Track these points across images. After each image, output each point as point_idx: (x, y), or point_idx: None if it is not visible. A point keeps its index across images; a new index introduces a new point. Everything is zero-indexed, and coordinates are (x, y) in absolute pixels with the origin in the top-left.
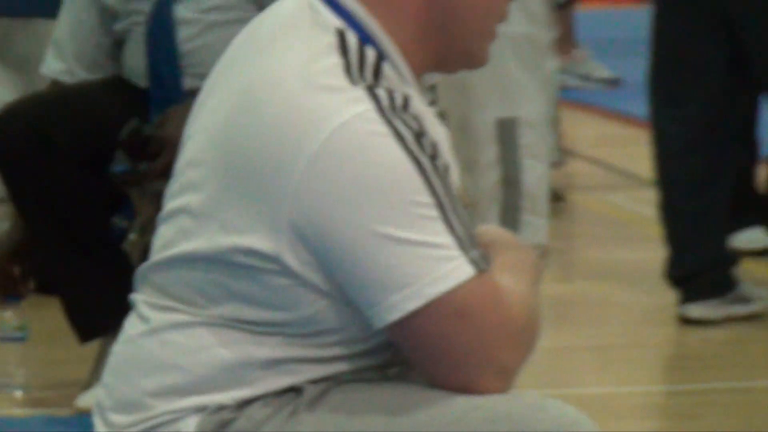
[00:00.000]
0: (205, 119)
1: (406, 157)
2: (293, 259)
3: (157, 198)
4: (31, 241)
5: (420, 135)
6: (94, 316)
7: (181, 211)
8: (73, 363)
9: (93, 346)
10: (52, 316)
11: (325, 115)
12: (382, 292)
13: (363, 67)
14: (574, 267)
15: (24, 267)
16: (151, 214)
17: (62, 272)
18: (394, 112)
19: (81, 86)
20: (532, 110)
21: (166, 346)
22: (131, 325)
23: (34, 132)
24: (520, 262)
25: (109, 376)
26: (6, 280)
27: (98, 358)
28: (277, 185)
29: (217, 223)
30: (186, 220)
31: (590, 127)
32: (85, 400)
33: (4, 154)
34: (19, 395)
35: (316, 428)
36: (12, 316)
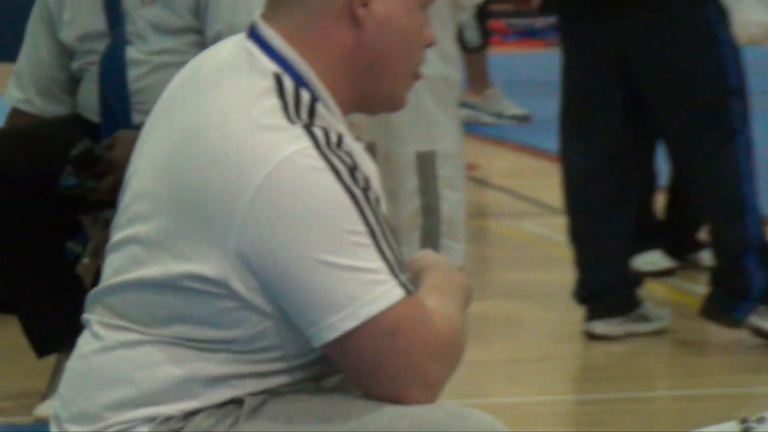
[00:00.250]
0: (149, 155)
1: (341, 189)
2: (239, 284)
3: (108, 225)
4: None
5: (353, 169)
6: (50, 333)
7: (131, 240)
8: (32, 376)
9: (50, 360)
10: (12, 334)
11: (267, 152)
12: (321, 314)
13: (299, 108)
14: (489, 287)
15: None
16: (102, 239)
17: (20, 293)
18: (329, 148)
19: (38, 122)
20: (449, 144)
21: (118, 362)
22: (85, 343)
23: None
24: (449, 284)
25: (64, 390)
26: None
27: (54, 372)
28: (224, 217)
29: (167, 251)
30: (137, 249)
31: (503, 160)
32: (43, 410)
33: None
34: None
35: None
36: None
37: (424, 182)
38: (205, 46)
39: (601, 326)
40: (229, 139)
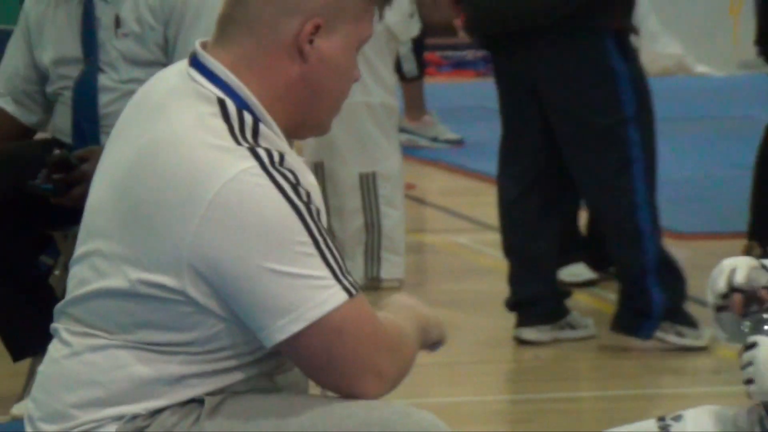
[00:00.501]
0: (105, 174)
1: (286, 204)
2: (195, 292)
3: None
4: None
5: (296, 185)
6: (25, 339)
7: (92, 254)
8: (8, 378)
9: (25, 363)
10: None
11: (216, 171)
12: (271, 318)
13: (243, 130)
14: (428, 296)
15: None
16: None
17: None
18: (273, 167)
19: (16, 144)
20: (389, 166)
21: (86, 365)
22: (55, 349)
23: None
24: (410, 312)
25: (37, 392)
26: None
27: (29, 374)
28: (177, 231)
29: (127, 263)
30: (98, 261)
31: (439, 181)
32: (19, 409)
33: None
34: None
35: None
36: None
37: (367, 201)
38: None
39: (530, 333)
40: (180, 159)
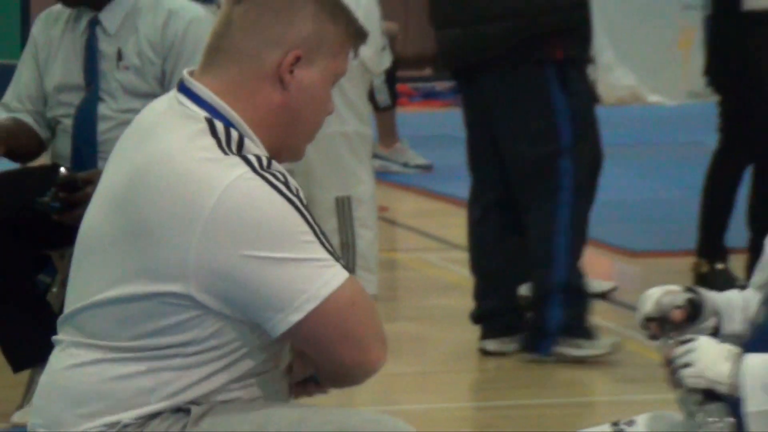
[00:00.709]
0: (99, 197)
1: (282, 199)
2: (201, 295)
3: None
4: None
5: (286, 183)
6: (25, 351)
7: (90, 269)
8: (9, 388)
9: (24, 374)
10: None
11: (213, 180)
12: (287, 301)
13: (230, 143)
14: (399, 310)
15: None
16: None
17: None
18: (263, 169)
19: (19, 169)
20: (363, 190)
21: (85, 376)
22: (56, 360)
23: None
24: None
25: (38, 401)
26: None
27: (29, 384)
28: (182, 241)
29: (130, 275)
30: (98, 276)
31: (409, 203)
32: (20, 417)
33: None
34: None
35: None
36: None
37: (342, 223)
38: None
39: (493, 344)
40: (176, 174)
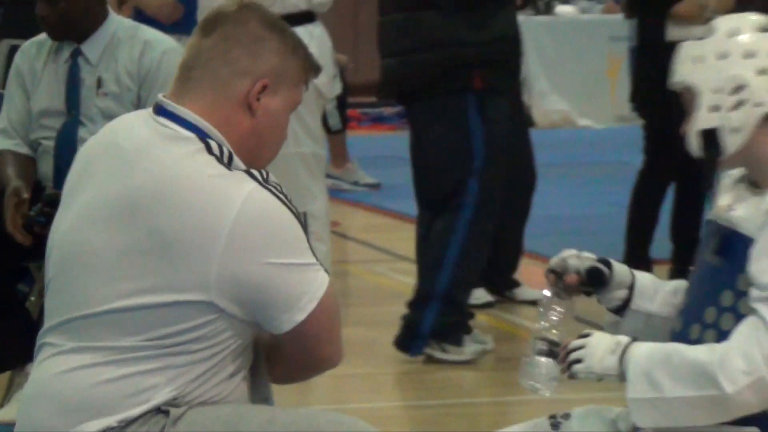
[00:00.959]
0: (93, 213)
1: (287, 210)
2: (220, 300)
3: None
4: None
5: (284, 192)
6: (4, 355)
7: (87, 281)
8: None
9: (4, 376)
10: None
11: (228, 195)
12: (294, 301)
13: (222, 159)
14: (350, 316)
15: None
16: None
17: None
18: (267, 183)
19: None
20: (317, 207)
21: (77, 381)
22: (46, 367)
23: None
24: None
25: (27, 406)
26: None
27: (8, 386)
28: (205, 250)
29: (147, 285)
30: (99, 288)
31: (359, 218)
32: (1, 415)
33: None
34: None
35: None
36: None
37: None
38: None
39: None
40: (193, 190)
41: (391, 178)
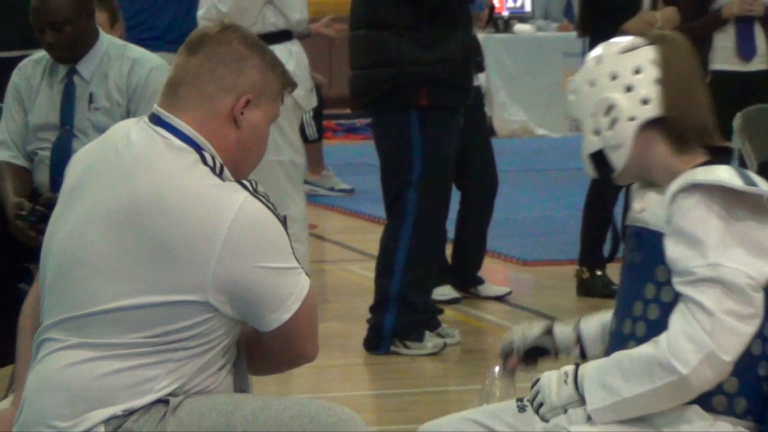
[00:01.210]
0: (93, 217)
1: (275, 218)
2: (216, 300)
3: None
4: None
5: (270, 201)
6: (7, 350)
7: (89, 283)
8: None
9: (7, 370)
10: None
11: (224, 204)
12: (282, 301)
13: (215, 170)
14: (327, 312)
15: None
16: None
17: None
18: (257, 193)
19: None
20: (296, 211)
21: (80, 373)
22: (49, 361)
23: None
24: None
25: (30, 399)
26: None
27: (11, 379)
28: (203, 254)
29: (147, 287)
30: (101, 289)
31: (335, 221)
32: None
33: None
34: None
35: (177, 427)
36: None
37: None
38: None
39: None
40: (191, 199)
41: (364, 184)
